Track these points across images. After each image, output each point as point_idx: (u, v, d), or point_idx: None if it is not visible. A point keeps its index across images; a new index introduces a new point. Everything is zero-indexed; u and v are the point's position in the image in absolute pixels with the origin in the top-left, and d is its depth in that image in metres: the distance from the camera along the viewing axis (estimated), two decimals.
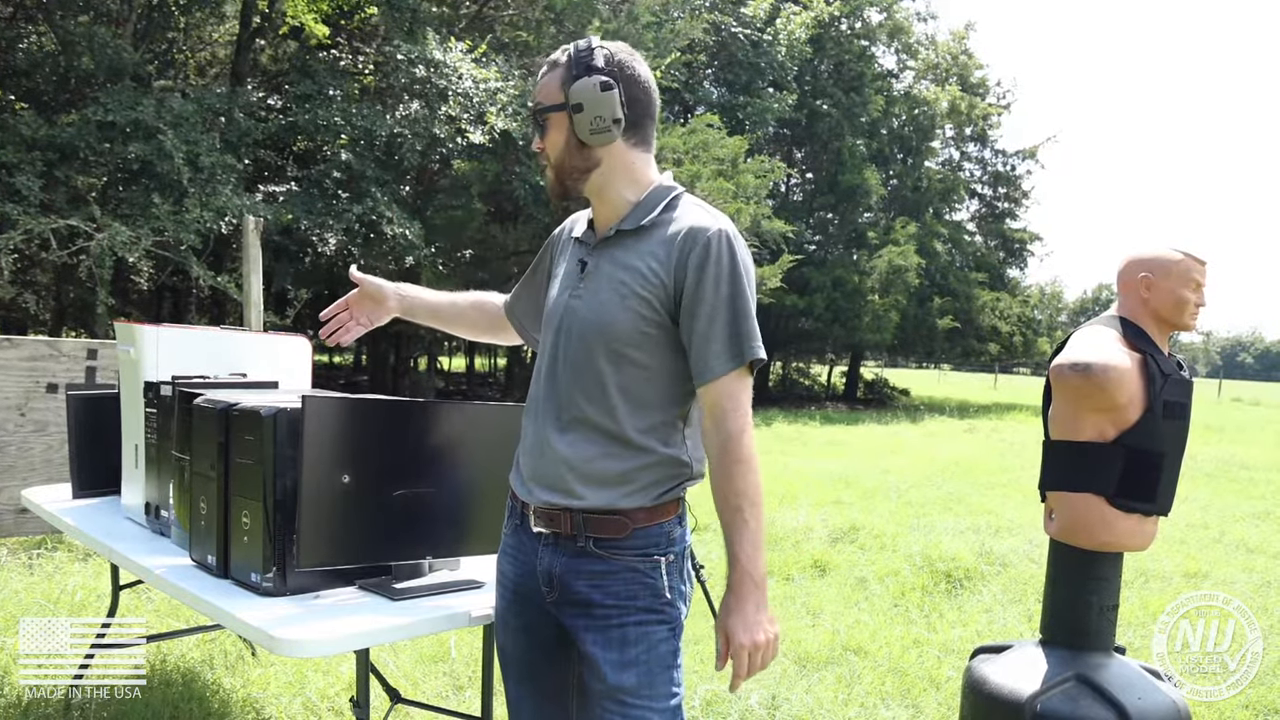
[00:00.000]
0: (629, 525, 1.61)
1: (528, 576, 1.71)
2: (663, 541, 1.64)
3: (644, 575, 1.62)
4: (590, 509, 1.61)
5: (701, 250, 1.57)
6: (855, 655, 3.97)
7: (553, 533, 1.66)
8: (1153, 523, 2.21)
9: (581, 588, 1.63)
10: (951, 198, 28.06)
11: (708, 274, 1.57)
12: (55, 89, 12.03)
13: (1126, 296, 2.28)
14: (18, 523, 4.41)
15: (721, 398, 1.59)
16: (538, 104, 1.68)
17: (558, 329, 1.69)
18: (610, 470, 1.61)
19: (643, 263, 1.61)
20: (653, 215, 1.65)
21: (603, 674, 1.60)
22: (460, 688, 3.45)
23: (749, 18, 21.02)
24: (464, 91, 12.26)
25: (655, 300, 1.60)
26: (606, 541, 1.62)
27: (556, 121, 1.65)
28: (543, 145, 1.70)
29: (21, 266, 11.01)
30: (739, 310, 1.59)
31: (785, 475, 9.29)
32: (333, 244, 12.46)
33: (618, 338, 1.60)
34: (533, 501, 1.68)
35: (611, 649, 1.61)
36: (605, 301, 1.62)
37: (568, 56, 1.65)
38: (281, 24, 14.00)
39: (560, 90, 1.64)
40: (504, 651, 1.80)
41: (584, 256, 1.70)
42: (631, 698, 1.59)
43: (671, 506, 1.65)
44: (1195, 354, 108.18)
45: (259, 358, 2.73)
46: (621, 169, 1.68)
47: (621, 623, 1.61)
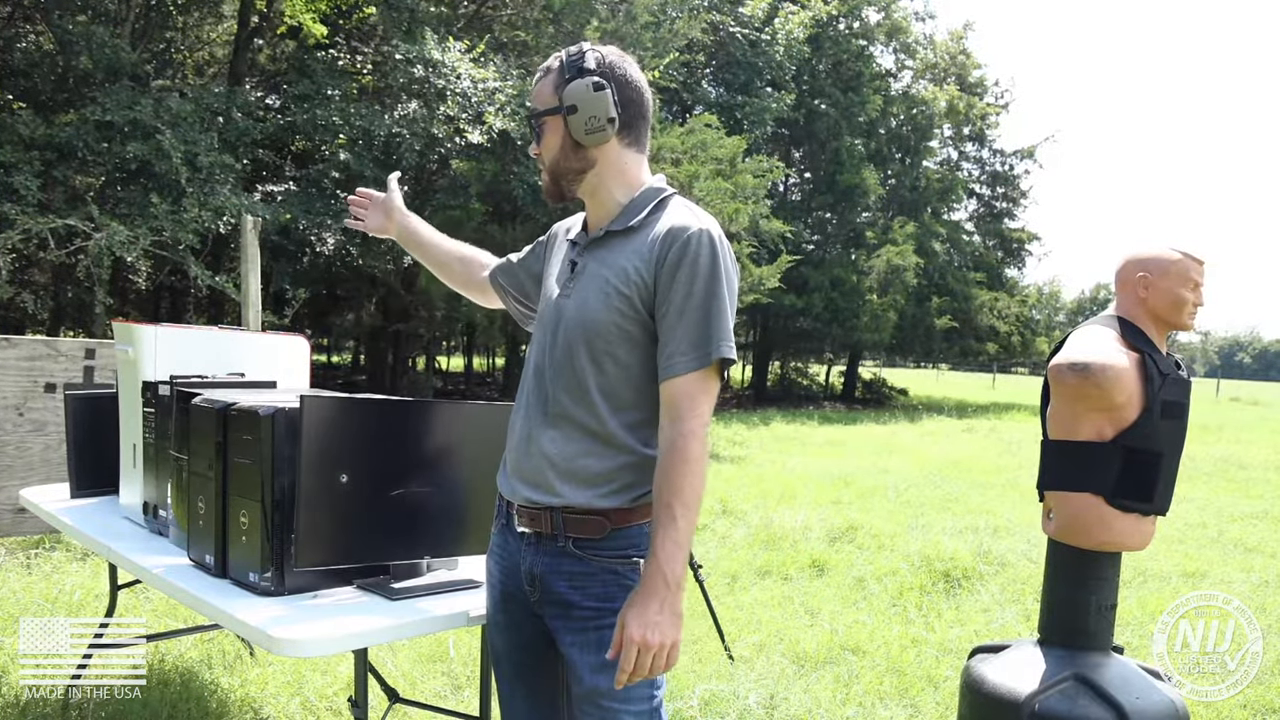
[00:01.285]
0: (607, 525, 1.62)
1: (513, 576, 1.73)
2: (642, 543, 1.63)
3: (623, 578, 1.63)
4: (569, 507, 1.62)
5: (680, 248, 1.57)
6: (853, 655, 3.97)
7: (535, 532, 1.68)
8: (1151, 522, 2.21)
9: (562, 588, 1.64)
10: (950, 197, 28.05)
11: (682, 271, 1.57)
12: (53, 89, 12.02)
13: (1124, 296, 2.29)
14: (16, 522, 4.40)
15: (680, 396, 1.57)
16: (533, 109, 1.71)
17: (547, 327, 1.71)
18: (590, 469, 1.61)
19: (628, 263, 1.62)
20: (641, 216, 1.66)
21: (580, 676, 1.62)
22: (459, 687, 3.45)
23: (747, 17, 21.00)
24: (462, 91, 12.26)
25: (637, 299, 1.60)
26: (585, 542, 1.63)
27: (552, 125, 1.68)
28: (539, 150, 1.72)
29: (20, 266, 11.00)
30: (711, 310, 1.57)
31: (783, 475, 9.29)
32: (331, 244, 12.46)
33: (600, 336, 1.61)
34: (516, 500, 1.70)
35: (589, 651, 1.62)
36: (589, 301, 1.63)
37: (560, 62, 1.67)
38: (280, 23, 13.99)
39: (554, 94, 1.66)
40: (495, 651, 1.81)
41: (575, 257, 1.73)
42: (608, 700, 1.59)
43: (649, 508, 1.63)
44: (1193, 353, 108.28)
45: (257, 357, 2.73)
46: (615, 170, 1.69)
47: (599, 625, 1.62)
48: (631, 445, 1.62)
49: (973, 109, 28.35)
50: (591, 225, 1.75)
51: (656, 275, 1.59)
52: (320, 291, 16.14)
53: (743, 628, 4.27)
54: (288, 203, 11.95)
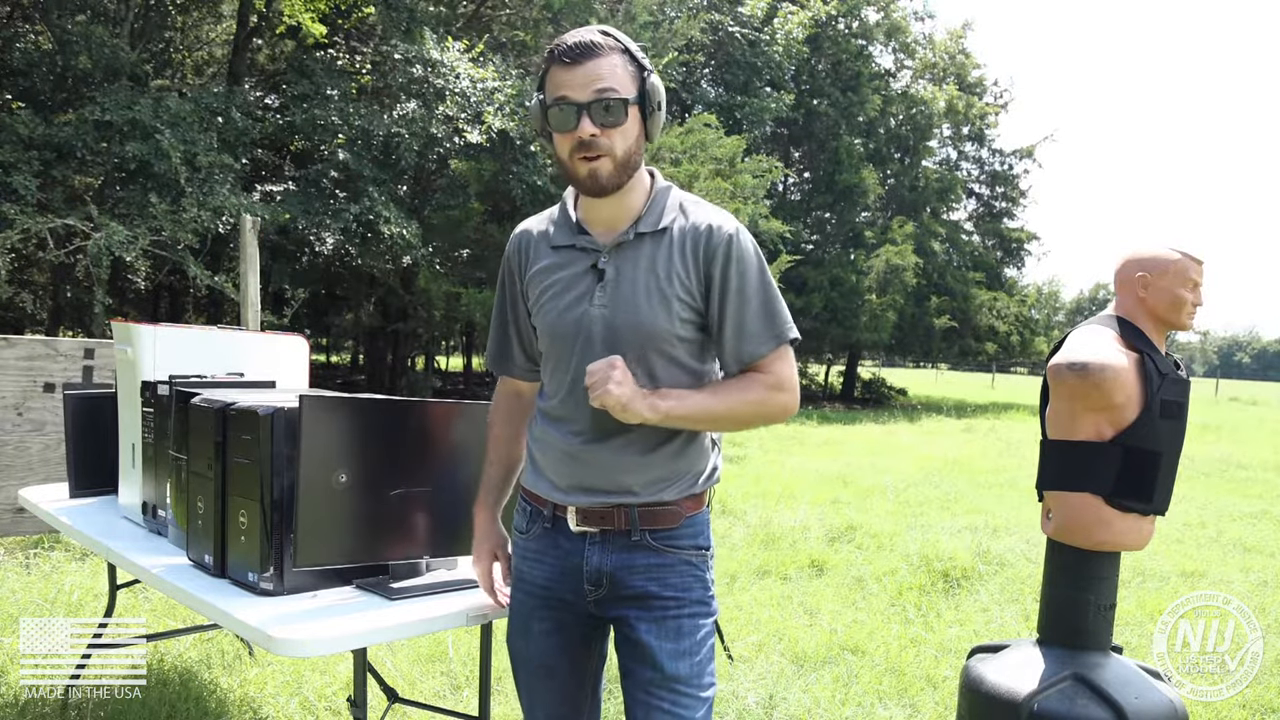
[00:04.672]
0: (681, 515, 1.67)
1: (564, 577, 1.70)
2: (705, 530, 1.71)
3: (696, 569, 1.69)
4: (644, 503, 1.65)
5: (725, 247, 1.62)
6: (852, 654, 3.97)
7: (601, 530, 1.67)
8: (1150, 522, 2.21)
9: (638, 582, 1.67)
10: (949, 197, 28.04)
11: (732, 268, 1.63)
12: (52, 88, 12.01)
13: (1124, 296, 2.29)
14: (15, 522, 4.40)
15: (765, 365, 1.66)
16: (608, 91, 1.55)
17: (581, 338, 1.64)
18: (662, 467, 1.65)
19: (674, 264, 1.63)
20: (670, 216, 1.66)
21: (659, 663, 1.64)
22: (458, 687, 3.45)
23: (746, 17, 21.02)
24: (461, 91, 12.25)
25: (692, 300, 1.63)
26: (661, 533, 1.66)
27: (632, 115, 1.60)
28: (605, 133, 1.56)
29: (18, 266, 10.99)
30: (769, 297, 1.66)
31: (783, 474, 9.29)
32: (330, 243, 12.45)
33: (659, 340, 1.62)
34: (575, 503, 1.67)
35: (668, 639, 1.65)
36: (641, 306, 1.61)
37: (624, 47, 1.59)
38: (279, 23, 13.98)
39: (634, 83, 1.59)
40: (519, 655, 1.78)
41: (596, 263, 1.65)
42: (684, 686, 1.64)
43: (705, 496, 1.73)
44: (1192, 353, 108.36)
45: (256, 357, 2.73)
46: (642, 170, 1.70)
47: (678, 614, 1.66)
48: (692, 438, 1.68)
49: (972, 109, 28.34)
50: (605, 226, 1.67)
51: (707, 274, 1.63)
52: (319, 291, 16.13)
53: (742, 627, 4.27)
54: (287, 202, 11.94)
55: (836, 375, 28.80)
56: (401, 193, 13.63)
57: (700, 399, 1.61)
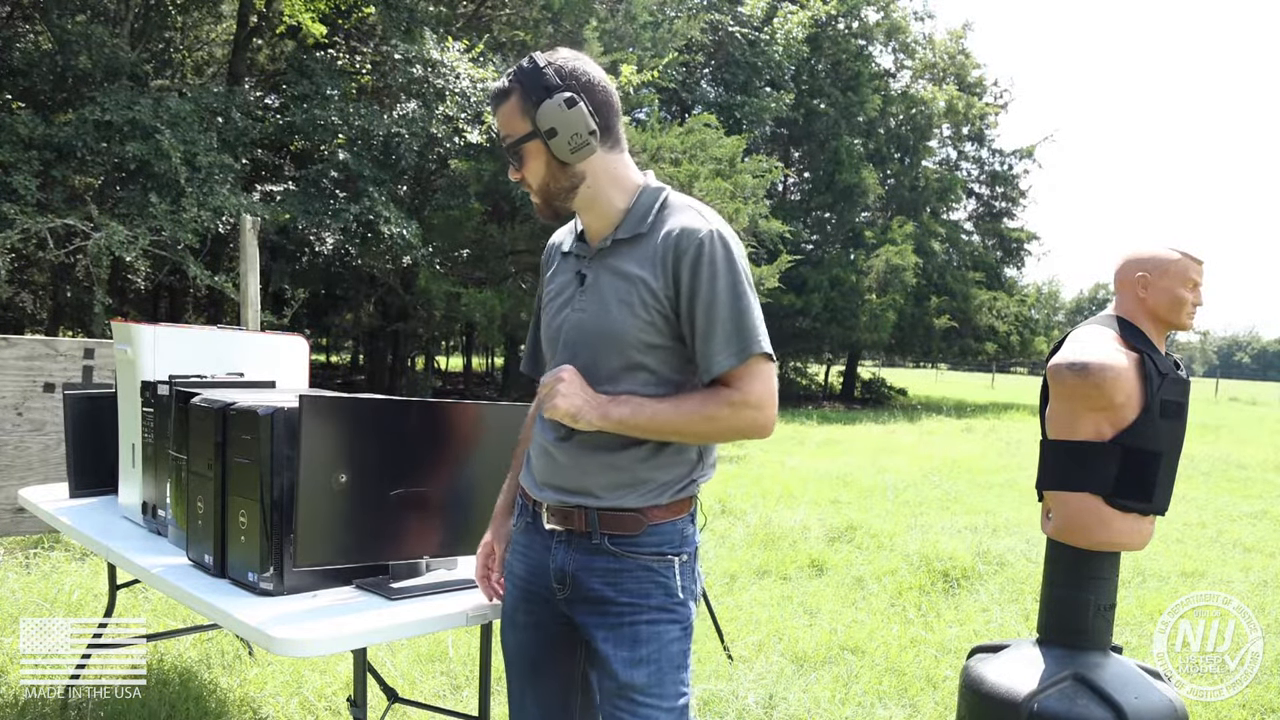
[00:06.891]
0: (643, 522, 1.63)
1: (539, 574, 1.72)
2: (676, 540, 1.66)
3: (657, 574, 1.64)
4: (605, 507, 1.63)
5: (695, 252, 1.57)
6: (852, 654, 3.97)
7: (566, 530, 1.67)
8: (1149, 522, 2.21)
9: (595, 585, 1.65)
10: (949, 197, 28.04)
11: (702, 275, 1.56)
12: (52, 88, 12.01)
13: (1124, 296, 2.29)
14: (15, 522, 4.40)
15: (729, 380, 1.59)
16: (506, 138, 1.63)
17: (564, 341, 1.68)
18: (624, 470, 1.62)
19: (642, 270, 1.61)
20: (648, 221, 1.64)
21: (614, 671, 1.61)
22: (458, 687, 3.45)
23: (746, 17, 21.02)
24: (461, 91, 12.26)
25: (659, 306, 1.60)
26: (621, 539, 1.63)
27: (532, 150, 1.61)
28: (521, 175, 1.65)
29: (18, 266, 11.00)
30: (739, 309, 1.57)
31: (782, 474, 9.29)
32: (330, 243, 12.45)
33: (626, 344, 1.60)
34: (545, 499, 1.69)
35: (623, 646, 1.62)
36: (610, 311, 1.61)
37: (519, 83, 1.59)
38: (279, 23, 13.98)
39: (524, 119, 1.59)
40: (509, 649, 1.80)
41: (581, 269, 1.69)
42: (641, 695, 1.61)
43: (685, 504, 1.67)
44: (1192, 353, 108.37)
45: (256, 357, 2.73)
46: (607, 178, 1.65)
47: (634, 621, 1.63)
48: (661, 444, 1.63)
49: (972, 109, 28.33)
50: (593, 235, 1.70)
51: (676, 280, 1.58)
52: (319, 291, 16.14)
53: (741, 627, 4.27)
54: (287, 202, 11.94)
55: (836, 375, 28.81)
56: (401, 193, 13.64)
57: (657, 409, 1.57)
